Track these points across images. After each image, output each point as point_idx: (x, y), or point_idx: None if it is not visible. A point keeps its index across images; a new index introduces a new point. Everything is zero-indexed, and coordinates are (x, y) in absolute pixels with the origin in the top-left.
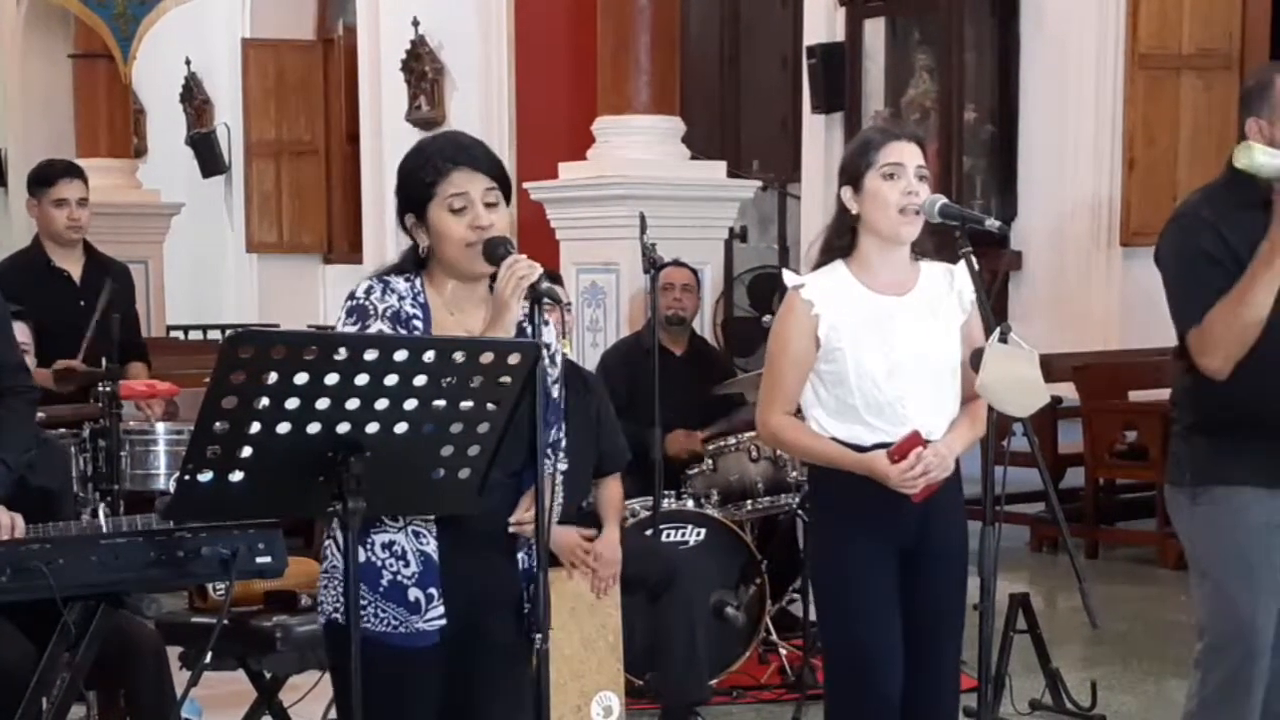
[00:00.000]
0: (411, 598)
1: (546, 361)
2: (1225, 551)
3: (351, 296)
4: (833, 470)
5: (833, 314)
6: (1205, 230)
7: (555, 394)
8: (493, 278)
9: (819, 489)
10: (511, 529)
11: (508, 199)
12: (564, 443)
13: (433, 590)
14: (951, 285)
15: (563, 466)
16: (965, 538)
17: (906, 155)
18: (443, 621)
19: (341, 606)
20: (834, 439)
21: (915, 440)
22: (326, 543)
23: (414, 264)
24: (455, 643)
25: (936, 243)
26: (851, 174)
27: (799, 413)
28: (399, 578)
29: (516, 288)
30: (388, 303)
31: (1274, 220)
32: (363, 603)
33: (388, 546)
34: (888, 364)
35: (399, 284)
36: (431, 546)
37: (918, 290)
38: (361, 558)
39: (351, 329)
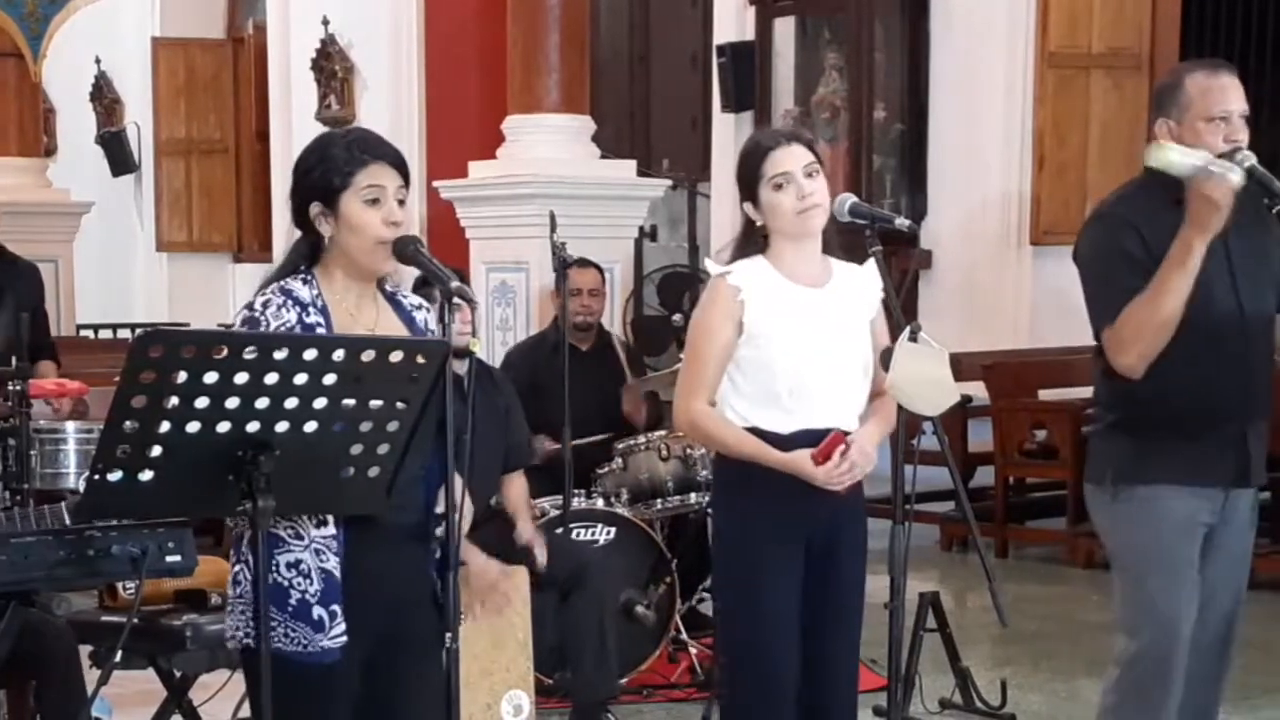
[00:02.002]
0: (315, 616)
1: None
2: (1146, 550)
3: (248, 306)
4: (742, 465)
5: (759, 300)
6: (1126, 229)
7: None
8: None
9: (727, 483)
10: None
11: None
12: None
13: (336, 607)
14: (861, 283)
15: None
16: (866, 532)
17: (791, 161)
18: (344, 639)
19: (252, 630)
20: (753, 428)
21: (838, 440)
22: (237, 567)
23: (307, 258)
24: (365, 649)
25: (845, 242)
26: (748, 189)
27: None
28: (306, 596)
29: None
30: (284, 318)
31: (1186, 219)
32: (273, 624)
33: (293, 566)
34: (811, 351)
35: (300, 291)
36: (332, 564)
37: (833, 284)
38: (268, 579)
39: None
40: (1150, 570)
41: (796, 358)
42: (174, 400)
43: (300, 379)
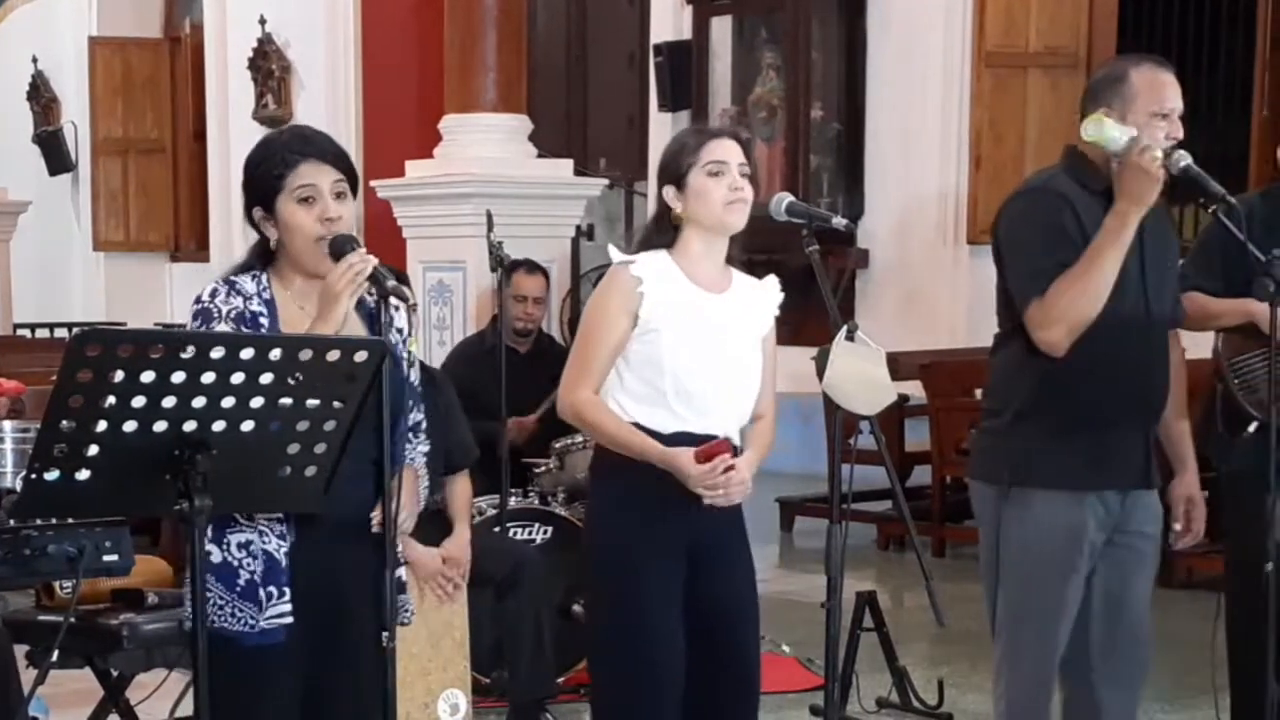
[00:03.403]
0: (261, 595)
1: (401, 345)
2: (1038, 554)
3: (197, 300)
4: (624, 463)
5: (657, 294)
6: (1060, 204)
7: (412, 377)
8: None
9: (606, 481)
10: (374, 528)
11: (355, 192)
12: (424, 424)
13: (273, 588)
14: (759, 297)
15: (424, 448)
16: (746, 536)
17: (730, 153)
18: (288, 620)
19: (204, 613)
20: (635, 424)
21: (723, 448)
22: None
23: (260, 260)
24: (308, 639)
25: (782, 242)
26: (674, 172)
27: None
28: (254, 576)
29: (349, 282)
30: (232, 304)
31: (1119, 193)
32: (220, 602)
33: (244, 546)
34: (702, 354)
35: (246, 284)
36: (273, 544)
37: (733, 293)
38: (218, 558)
39: None
40: (1036, 574)
41: (686, 359)
42: (111, 400)
43: (237, 378)
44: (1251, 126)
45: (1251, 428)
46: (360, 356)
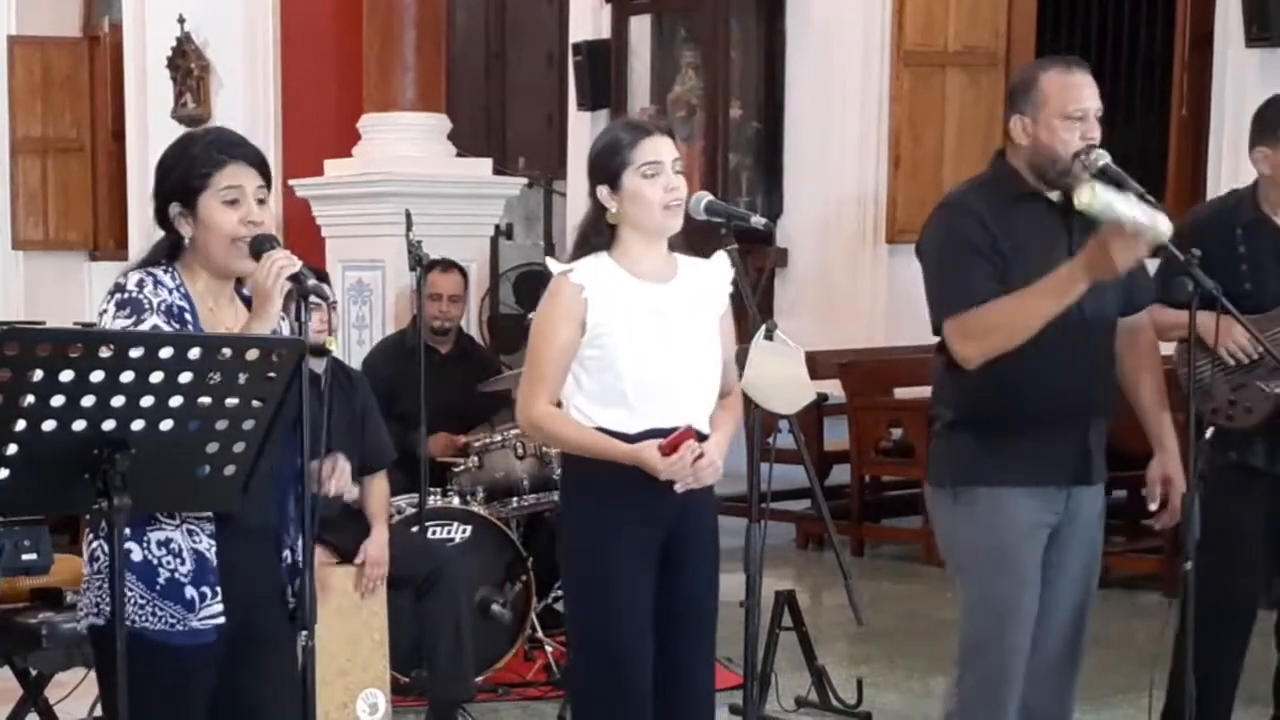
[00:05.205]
0: (188, 596)
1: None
2: (988, 552)
3: (120, 289)
4: (594, 462)
5: (602, 298)
6: (969, 218)
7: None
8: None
9: (578, 481)
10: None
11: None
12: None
13: (206, 589)
14: (709, 277)
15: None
16: (717, 531)
17: (663, 151)
18: (221, 620)
19: (109, 607)
20: (599, 428)
21: (688, 435)
22: (95, 544)
23: (167, 255)
24: (229, 639)
25: (701, 240)
26: (609, 172)
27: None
28: (176, 575)
29: (277, 278)
30: (161, 296)
31: (1085, 256)
32: (140, 602)
33: (164, 544)
34: (658, 349)
35: (164, 277)
36: (204, 544)
37: (679, 280)
38: (138, 556)
39: (124, 321)
40: (992, 572)
41: (642, 356)
42: (30, 399)
43: (156, 377)
44: (1170, 126)
45: (1208, 434)
46: (280, 355)
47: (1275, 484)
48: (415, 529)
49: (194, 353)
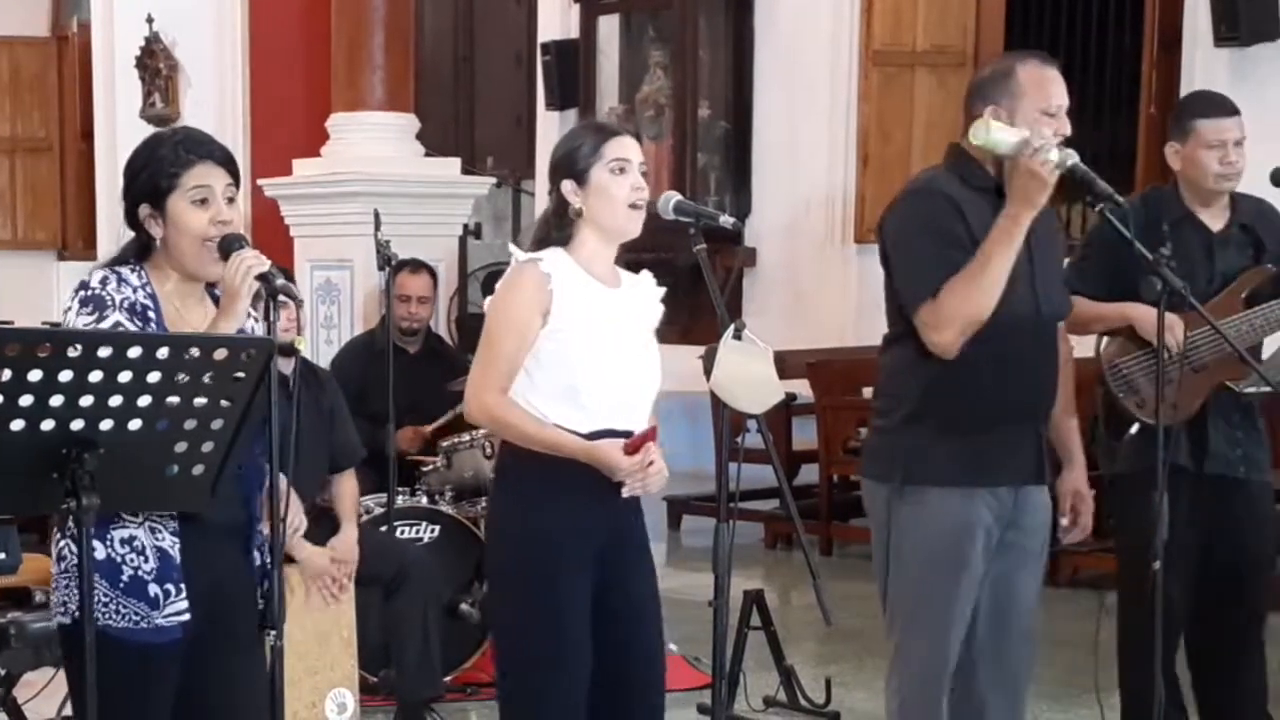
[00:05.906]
0: (151, 593)
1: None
2: (933, 552)
3: (85, 286)
4: (541, 456)
5: (567, 292)
6: (946, 204)
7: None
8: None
9: (520, 481)
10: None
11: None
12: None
13: (170, 586)
14: (645, 291)
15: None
16: (646, 530)
17: (631, 151)
18: (186, 617)
19: (76, 606)
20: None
21: (651, 436)
22: (62, 543)
23: (136, 256)
24: (195, 637)
25: (670, 241)
26: (574, 167)
27: None
28: (139, 573)
29: (245, 276)
30: (124, 294)
31: (1010, 196)
32: (104, 599)
33: (128, 542)
34: (611, 351)
35: (129, 276)
36: (168, 542)
37: (625, 289)
38: (101, 554)
39: (87, 319)
40: (930, 571)
41: (597, 354)
42: None
43: (124, 376)
44: (1139, 125)
45: (1133, 429)
46: (248, 355)
47: (1198, 483)
48: (384, 528)
49: (162, 352)
